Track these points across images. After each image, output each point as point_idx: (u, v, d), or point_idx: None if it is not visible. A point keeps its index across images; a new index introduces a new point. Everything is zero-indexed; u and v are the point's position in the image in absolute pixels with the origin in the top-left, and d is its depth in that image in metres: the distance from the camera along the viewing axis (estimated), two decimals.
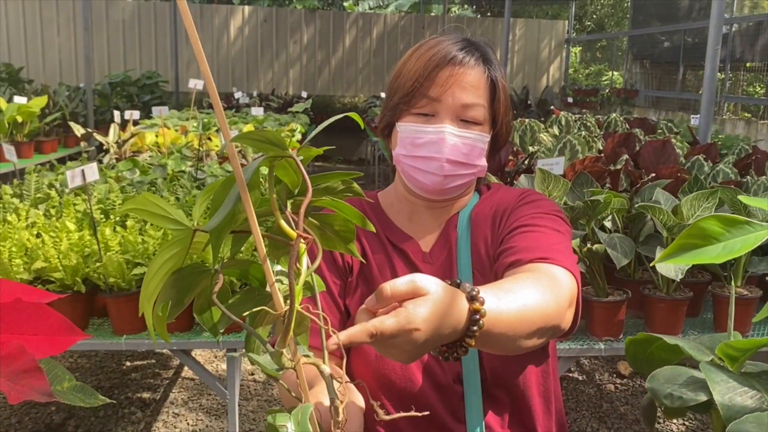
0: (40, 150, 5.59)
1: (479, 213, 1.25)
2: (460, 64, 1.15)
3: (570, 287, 1.04)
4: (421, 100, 1.15)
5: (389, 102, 1.21)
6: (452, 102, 1.14)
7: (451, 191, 1.20)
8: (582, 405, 3.20)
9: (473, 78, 1.16)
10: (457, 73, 1.14)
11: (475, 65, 1.16)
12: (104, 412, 3.01)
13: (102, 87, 8.27)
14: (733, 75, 9.66)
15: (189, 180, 2.98)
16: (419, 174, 1.17)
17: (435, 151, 1.15)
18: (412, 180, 1.20)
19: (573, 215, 1.96)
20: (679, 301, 2.03)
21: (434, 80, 1.14)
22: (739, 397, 1.01)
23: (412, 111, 1.16)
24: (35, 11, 10.33)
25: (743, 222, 0.73)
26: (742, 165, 2.74)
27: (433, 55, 1.15)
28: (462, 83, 1.14)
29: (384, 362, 1.12)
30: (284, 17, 11.16)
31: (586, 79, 15.25)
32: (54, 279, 1.97)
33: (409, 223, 1.25)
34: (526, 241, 1.10)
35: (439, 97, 1.14)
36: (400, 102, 1.17)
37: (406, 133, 1.17)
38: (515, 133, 3.32)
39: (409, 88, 1.16)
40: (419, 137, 1.16)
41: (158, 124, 4.46)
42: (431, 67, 1.14)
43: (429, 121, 1.16)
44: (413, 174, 1.18)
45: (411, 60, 1.18)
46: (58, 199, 2.45)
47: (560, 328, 1.01)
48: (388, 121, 1.22)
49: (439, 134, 1.15)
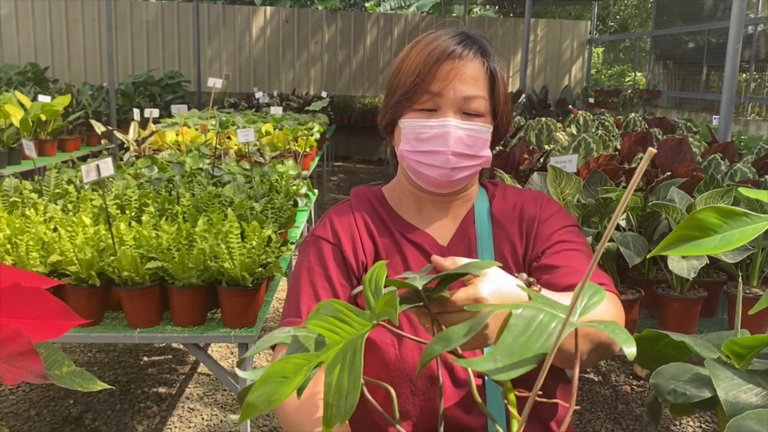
0: (63, 148, 5.67)
1: (500, 212, 1.26)
2: (459, 58, 1.16)
3: (623, 313, 1.15)
4: (422, 96, 1.16)
5: (390, 100, 1.22)
6: (454, 96, 1.16)
7: (457, 183, 1.22)
8: (597, 406, 3.17)
9: (473, 71, 1.17)
10: (457, 66, 1.16)
11: (474, 58, 1.17)
12: (120, 406, 3.04)
13: (125, 86, 8.37)
14: (759, 76, 9.52)
15: (206, 177, 3.01)
16: (426, 168, 1.19)
17: (440, 144, 1.16)
18: (419, 175, 1.21)
19: (585, 213, 1.95)
20: (692, 300, 2.01)
21: (435, 75, 1.15)
22: (743, 394, 1.00)
23: (415, 107, 1.18)
24: (61, 12, 10.48)
25: (741, 214, 0.72)
26: (761, 164, 2.70)
27: (432, 50, 1.16)
28: (462, 76, 1.16)
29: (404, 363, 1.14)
30: (306, 18, 11.21)
31: (609, 80, 15.12)
32: (69, 272, 2.00)
33: (420, 218, 1.27)
34: (571, 261, 1.17)
35: (440, 91, 1.15)
36: (401, 99, 1.18)
37: (410, 129, 1.19)
38: (531, 132, 3.31)
39: (410, 85, 1.17)
40: (423, 132, 1.17)
41: (178, 122, 4.51)
42: (431, 62, 1.15)
43: (432, 116, 1.17)
44: (419, 169, 1.19)
45: (410, 56, 1.19)
46: (75, 194, 2.48)
47: (614, 349, 1.10)
48: (391, 119, 1.23)
49: (444, 128, 1.16)
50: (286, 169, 3.32)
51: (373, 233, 1.24)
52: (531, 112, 5.65)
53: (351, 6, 13.34)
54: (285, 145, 4.49)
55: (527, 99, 6.12)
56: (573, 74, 12.16)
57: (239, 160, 3.69)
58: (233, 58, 11.02)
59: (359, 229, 1.24)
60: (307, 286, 1.19)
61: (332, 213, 1.29)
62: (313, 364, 0.63)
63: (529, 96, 6.28)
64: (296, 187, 3.03)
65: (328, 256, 1.21)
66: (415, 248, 1.23)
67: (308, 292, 1.18)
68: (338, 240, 1.22)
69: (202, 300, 2.06)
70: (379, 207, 1.28)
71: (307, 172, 4.66)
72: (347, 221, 1.25)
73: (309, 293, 1.18)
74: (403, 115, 1.20)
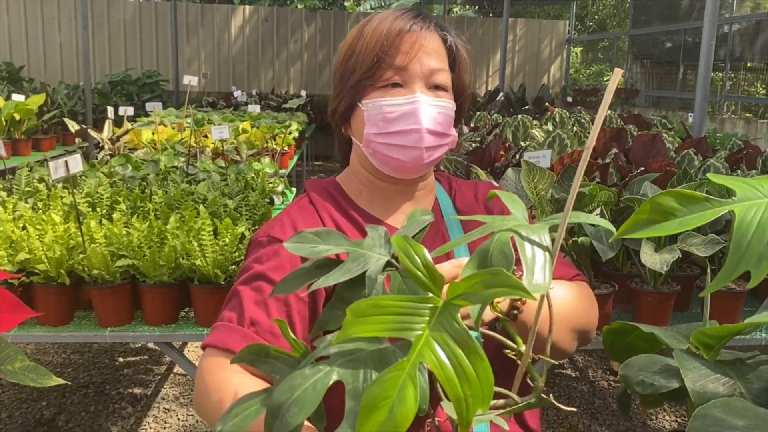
0: (38, 147, 5.59)
1: (464, 204, 1.21)
2: (420, 30, 1.10)
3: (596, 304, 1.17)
4: (386, 72, 1.08)
5: (346, 83, 1.12)
6: (420, 68, 1.09)
7: (428, 166, 1.14)
8: (574, 401, 3.18)
9: (435, 44, 1.11)
10: (421, 38, 1.09)
11: (434, 31, 1.12)
12: (95, 407, 3.00)
13: (102, 86, 8.28)
14: (734, 75, 9.64)
15: (180, 175, 2.98)
16: (397, 151, 1.09)
17: (412, 122, 1.08)
18: (388, 160, 1.11)
19: (558, 207, 1.95)
20: (666, 294, 2.02)
21: (399, 48, 1.08)
22: (711, 384, 1.00)
23: (378, 85, 1.09)
24: (36, 10, 10.35)
25: (702, 199, 0.72)
26: (734, 160, 2.73)
27: (391, 25, 1.09)
28: (426, 48, 1.09)
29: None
30: (285, 16, 11.17)
31: (587, 79, 15.23)
32: (38, 271, 1.96)
33: (386, 211, 1.17)
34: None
35: (406, 64, 1.08)
36: (362, 78, 1.09)
37: (375, 109, 1.09)
38: (508, 128, 3.31)
39: (371, 62, 1.08)
40: (392, 111, 1.08)
41: (155, 121, 4.46)
42: (393, 35, 1.08)
43: (398, 93, 1.09)
44: (389, 153, 1.10)
45: (364, 35, 1.11)
46: (46, 192, 2.44)
47: (591, 335, 1.14)
48: (349, 103, 1.13)
49: (413, 104, 1.08)
50: (263, 167, 3.30)
51: (343, 230, 1.11)
52: (509, 110, 5.66)
53: (330, 5, 13.30)
54: (262, 143, 4.46)
55: (505, 98, 6.14)
56: (552, 73, 12.23)
57: (215, 158, 3.65)
58: (212, 57, 10.95)
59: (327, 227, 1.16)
60: (254, 294, 1.03)
61: (291, 211, 1.14)
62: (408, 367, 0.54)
63: (507, 95, 6.30)
64: (273, 185, 3.01)
65: (286, 262, 1.04)
66: None
67: (254, 299, 1.03)
68: None
69: (174, 298, 2.04)
70: (342, 201, 1.17)
71: (285, 170, 4.63)
72: (312, 220, 1.12)
73: (255, 301, 1.03)
74: (364, 96, 1.10)
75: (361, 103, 1.11)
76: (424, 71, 1.09)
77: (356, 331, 0.55)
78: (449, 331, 0.55)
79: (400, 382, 0.52)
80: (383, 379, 0.53)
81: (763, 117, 8.95)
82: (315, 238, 0.75)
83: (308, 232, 0.75)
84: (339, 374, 0.57)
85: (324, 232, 0.75)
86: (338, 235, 0.76)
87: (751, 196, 0.72)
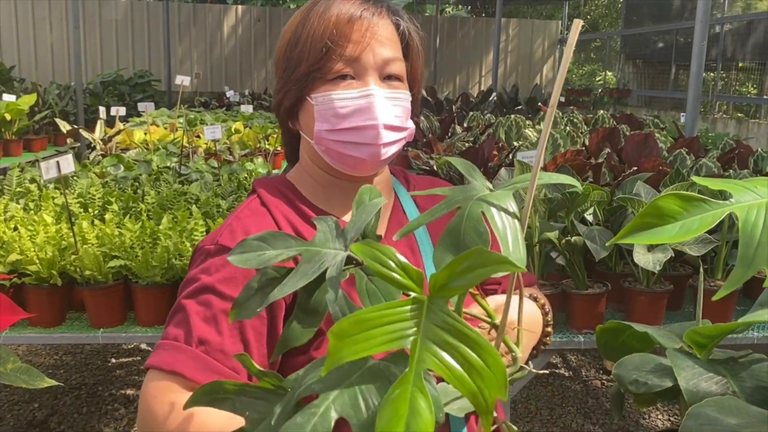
0: (29, 148, 5.56)
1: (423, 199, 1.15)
2: (372, 16, 1.00)
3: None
4: (336, 63, 0.98)
5: (291, 75, 1.01)
6: (373, 59, 1.00)
7: (385, 162, 1.06)
8: (568, 401, 3.19)
9: (387, 31, 1.02)
10: (372, 25, 1.00)
11: (387, 16, 1.03)
12: (87, 409, 2.99)
13: (94, 86, 8.25)
14: (726, 75, 9.68)
15: (173, 175, 2.98)
16: (352, 149, 1.01)
17: (367, 117, 0.99)
18: (342, 158, 1.02)
19: (551, 207, 1.96)
20: (659, 294, 2.02)
21: (349, 37, 0.98)
22: (704, 383, 1.01)
23: (328, 77, 0.99)
24: (27, 10, 10.31)
25: (700, 200, 0.72)
26: (726, 159, 2.74)
27: (341, 11, 0.99)
28: (379, 36, 1.00)
29: None
30: (277, 16, 11.16)
31: (580, 79, 15.27)
32: (30, 272, 1.95)
33: (346, 209, 1.07)
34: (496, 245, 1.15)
35: (358, 55, 0.99)
36: (310, 70, 0.99)
37: (325, 104, 0.99)
38: (501, 128, 3.32)
39: (319, 52, 0.98)
40: (344, 106, 0.99)
41: (147, 121, 4.45)
42: (342, 23, 0.98)
43: (350, 85, 1.00)
44: (344, 150, 1.01)
45: (309, 22, 1.00)
46: (38, 193, 2.43)
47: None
48: (296, 97, 1.02)
49: (368, 97, 0.99)
50: (255, 167, 3.29)
51: (302, 234, 1.00)
52: (502, 110, 5.68)
53: None
54: (255, 143, 4.45)
55: (498, 98, 6.15)
56: (544, 73, 12.26)
57: (208, 158, 3.65)
58: (204, 57, 10.93)
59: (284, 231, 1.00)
60: (201, 308, 0.91)
61: (241, 215, 1.02)
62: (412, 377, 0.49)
63: (500, 95, 6.31)
64: None
65: (238, 273, 0.92)
66: None
67: (202, 314, 0.91)
68: None
69: (167, 299, 2.03)
70: (297, 200, 1.05)
71: (278, 170, 4.62)
72: (266, 223, 1.00)
73: (203, 317, 0.91)
74: (313, 89, 1.00)
75: (310, 97, 1.01)
76: (377, 61, 1.00)
77: (345, 355, 0.50)
78: (444, 328, 0.51)
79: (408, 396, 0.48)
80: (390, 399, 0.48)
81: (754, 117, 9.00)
82: (261, 245, 0.66)
83: (252, 238, 0.65)
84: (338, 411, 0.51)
85: (269, 236, 0.66)
86: (285, 237, 0.67)
87: (748, 197, 0.71)
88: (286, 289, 0.60)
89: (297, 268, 0.62)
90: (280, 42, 1.05)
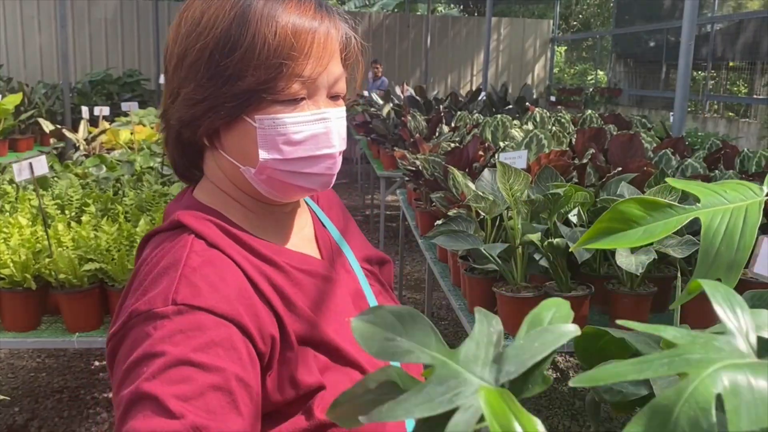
0: (14, 148, 5.51)
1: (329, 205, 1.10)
2: (329, 29, 0.85)
3: None
4: (293, 84, 0.82)
5: (224, 88, 0.81)
6: (327, 79, 0.86)
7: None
8: (555, 403, 3.17)
9: (338, 42, 0.87)
10: (330, 38, 0.85)
11: (339, 22, 0.88)
12: (68, 413, 2.95)
13: (82, 85, 8.19)
14: (716, 74, 9.70)
15: (155, 176, 2.94)
16: (301, 179, 0.86)
17: (324, 146, 0.86)
18: (288, 189, 0.87)
19: (534, 209, 1.93)
20: (642, 296, 2.00)
21: (310, 53, 0.82)
22: None
23: (280, 98, 0.82)
24: (15, 9, 10.24)
25: (665, 205, 0.69)
26: (712, 159, 2.72)
27: (298, 21, 0.82)
28: (333, 53, 0.86)
29: None
30: None
31: (572, 78, 15.28)
32: (3, 275, 1.92)
33: (283, 237, 0.94)
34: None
35: (316, 76, 0.84)
36: (258, 88, 0.81)
37: (275, 129, 0.83)
38: (487, 128, 3.29)
39: (272, 69, 0.80)
40: (298, 131, 0.84)
41: (133, 121, 4.41)
42: (301, 35, 0.82)
43: (303, 107, 0.84)
44: (291, 180, 0.86)
45: (254, 26, 0.81)
46: (14, 194, 2.39)
47: None
48: (230, 116, 0.83)
49: (324, 121, 0.86)
50: None
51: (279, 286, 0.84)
52: (491, 110, 5.66)
53: None
54: None
55: (487, 97, 6.13)
56: (536, 73, 12.25)
57: None
58: None
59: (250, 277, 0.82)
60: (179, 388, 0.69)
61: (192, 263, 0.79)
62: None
63: (490, 94, 6.29)
64: None
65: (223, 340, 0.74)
66: (310, 277, 0.89)
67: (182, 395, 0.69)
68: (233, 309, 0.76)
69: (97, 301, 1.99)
70: (242, 235, 0.87)
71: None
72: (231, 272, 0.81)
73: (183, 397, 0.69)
74: (258, 110, 0.82)
75: (250, 119, 0.83)
76: (329, 81, 0.86)
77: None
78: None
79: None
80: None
81: (744, 116, 9.01)
82: (395, 324, 0.45)
83: (388, 310, 0.45)
84: None
85: (407, 316, 0.45)
86: (425, 325, 0.45)
87: (715, 202, 0.69)
88: (398, 413, 0.40)
89: (422, 387, 0.41)
90: (191, 34, 0.83)
